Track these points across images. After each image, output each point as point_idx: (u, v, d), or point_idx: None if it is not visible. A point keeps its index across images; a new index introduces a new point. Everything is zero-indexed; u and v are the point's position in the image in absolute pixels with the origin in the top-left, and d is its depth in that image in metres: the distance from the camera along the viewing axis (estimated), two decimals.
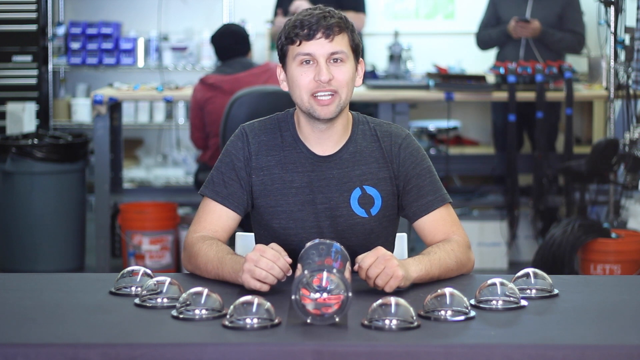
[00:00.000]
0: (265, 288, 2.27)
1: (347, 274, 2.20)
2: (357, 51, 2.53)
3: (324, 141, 2.56)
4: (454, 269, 2.47)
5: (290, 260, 2.30)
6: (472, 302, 2.18)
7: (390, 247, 2.65)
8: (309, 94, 2.47)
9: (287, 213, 2.55)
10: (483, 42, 6.27)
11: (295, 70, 2.48)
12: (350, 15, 5.75)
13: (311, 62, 2.47)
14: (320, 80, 2.45)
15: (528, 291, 2.29)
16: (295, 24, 2.47)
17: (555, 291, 2.30)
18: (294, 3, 5.81)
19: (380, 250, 2.32)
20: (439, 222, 2.56)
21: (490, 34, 6.18)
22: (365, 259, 2.30)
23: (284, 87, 2.56)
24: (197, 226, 2.57)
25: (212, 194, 2.58)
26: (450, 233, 2.56)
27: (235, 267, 2.36)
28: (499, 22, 6.14)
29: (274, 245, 2.33)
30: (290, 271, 2.28)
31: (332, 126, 2.54)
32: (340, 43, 2.47)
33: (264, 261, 2.27)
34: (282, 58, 2.53)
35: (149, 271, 2.35)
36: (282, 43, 2.51)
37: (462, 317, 2.09)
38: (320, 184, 2.55)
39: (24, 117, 6.38)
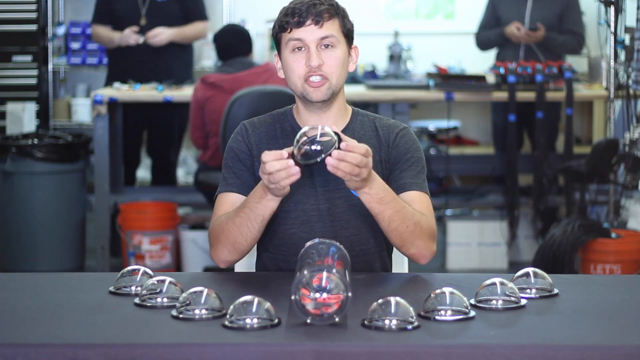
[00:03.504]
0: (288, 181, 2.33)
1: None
2: (350, 36, 2.60)
3: None
4: (410, 226, 2.46)
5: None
6: (472, 301, 2.18)
7: None
8: (302, 79, 2.54)
9: (288, 196, 2.56)
10: (482, 43, 6.28)
11: (288, 57, 2.55)
12: (197, 26, 6.00)
13: (303, 49, 2.54)
14: (310, 65, 2.52)
15: (528, 291, 2.29)
16: (287, 12, 2.55)
17: (555, 291, 2.30)
18: (124, 34, 5.92)
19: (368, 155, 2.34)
20: (415, 202, 2.54)
21: (488, 36, 6.19)
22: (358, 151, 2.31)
23: (281, 74, 2.63)
24: (215, 217, 2.60)
25: (227, 188, 2.61)
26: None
27: (255, 190, 2.45)
28: (499, 22, 6.14)
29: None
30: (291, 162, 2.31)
31: (328, 110, 2.59)
32: (330, 28, 2.54)
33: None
34: (277, 46, 2.61)
35: (149, 270, 2.35)
36: (276, 31, 2.59)
37: (462, 317, 2.09)
38: (319, 166, 2.57)
39: (24, 117, 6.38)
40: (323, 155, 2.28)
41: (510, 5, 6.12)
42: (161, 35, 5.89)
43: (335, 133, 2.30)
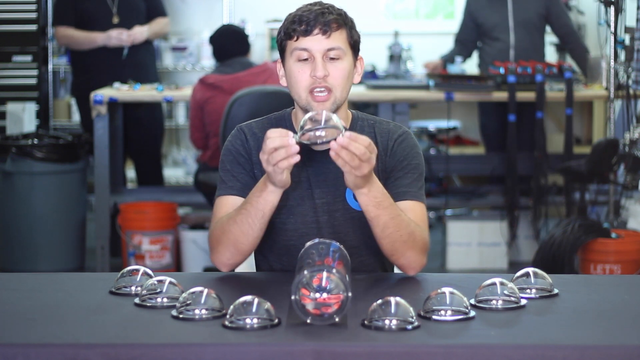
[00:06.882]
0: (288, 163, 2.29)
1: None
2: (356, 47, 2.54)
3: None
4: (404, 235, 2.42)
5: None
6: (472, 302, 2.18)
7: None
8: (306, 91, 2.48)
9: (287, 207, 2.54)
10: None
11: (293, 66, 2.50)
12: (160, 22, 5.99)
13: (308, 59, 2.48)
14: (315, 76, 2.46)
15: (528, 291, 2.29)
16: (294, 20, 2.48)
17: (555, 291, 2.31)
18: (109, 33, 5.90)
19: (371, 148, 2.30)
20: (408, 212, 2.49)
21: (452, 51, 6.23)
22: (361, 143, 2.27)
23: (283, 82, 2.57)
24: (214, 220, 2.55)
25: (226, 191, 2.56)
26: None
27: (256, 185, 2.42)
28: (481, 28, 6.09)
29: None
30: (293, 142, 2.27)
31: None
32: (338, 39, 2.48)
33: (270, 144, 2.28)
34: (282, 53, 2.55)
35: (149, 271, 2.35)
36: (281, 38, 2.52)
37: (462, 317, 2.09)
38: (317, 178, 2.56)
39: (24, 117, 6.38)
40: (326, 140, 2.26)
41: (491, 11, 6.05)
42: (143, 33, 5.90)
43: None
